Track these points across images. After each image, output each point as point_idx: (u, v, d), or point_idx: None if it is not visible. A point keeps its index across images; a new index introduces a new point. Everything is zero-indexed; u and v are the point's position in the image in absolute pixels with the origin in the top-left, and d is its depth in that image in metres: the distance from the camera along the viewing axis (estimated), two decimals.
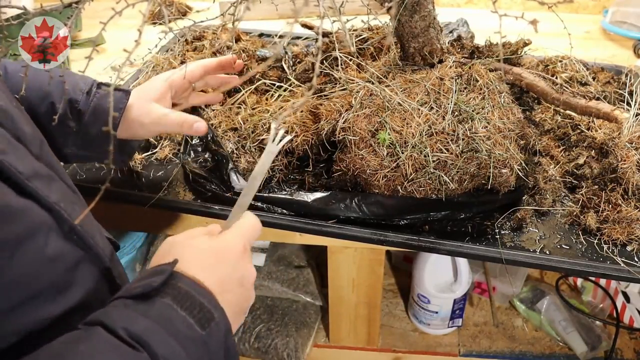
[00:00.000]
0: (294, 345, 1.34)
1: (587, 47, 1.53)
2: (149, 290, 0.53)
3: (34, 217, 0.56)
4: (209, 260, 0.60)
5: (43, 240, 0.56)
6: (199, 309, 0.54)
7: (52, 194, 0.59)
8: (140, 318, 0.51)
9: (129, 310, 0.52)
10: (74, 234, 0.61)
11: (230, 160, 0.97)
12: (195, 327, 0.53)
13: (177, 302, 0.53)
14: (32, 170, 0.58)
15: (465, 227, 0.91)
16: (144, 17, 0.49)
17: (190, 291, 0.55)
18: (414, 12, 0.90)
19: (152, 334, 0.50)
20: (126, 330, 0.49)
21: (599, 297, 1.43)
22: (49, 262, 0.57)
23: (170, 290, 0.54)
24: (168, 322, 0.52)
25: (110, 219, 1.04)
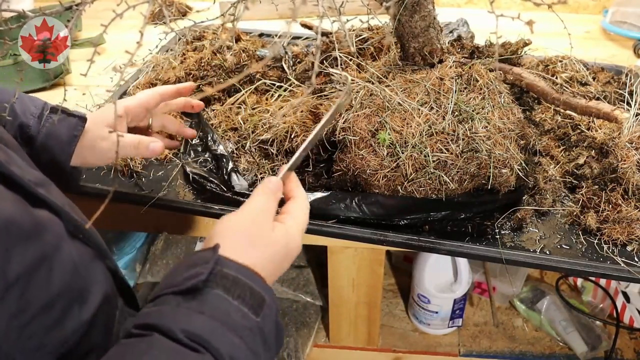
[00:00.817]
0: (294, 345, 1.34)
1: (587, 47, 1.53)
2: (197, 284, 0.51)
3: (55, 225, 0.56)
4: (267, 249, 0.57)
5: (67, 246, 0.56)
6: (250, 294, 0.52)
7: (56, 198, 0.59)
8: (196, 316, 0.50)
9: (182, 309, 0.50)
10: (80, 233, 0.60)
11: (231, 160, 0.97)
12: (250, 315, 0.52)
13: (228, 291, 0.51)
14: (35, 177, 0.58)
15: (465, 227, 0.91)
16: (145, 19, 0.49)
17: (238, 276, 0.53)
18: (414, 12, 0.90)
19: (211, 331, 0.49)
20: (185, 332, 0.48)
21: (599, 297, 1.43)
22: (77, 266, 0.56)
23: (218, 279, 0.52)
24: (225, 315, 0.50)
25: (110, 219, 1.04)
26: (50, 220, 0.55)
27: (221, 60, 1.19)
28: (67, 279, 0.54)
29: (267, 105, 1.10)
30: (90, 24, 1.59)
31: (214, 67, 1.18)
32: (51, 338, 0.52)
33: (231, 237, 0.56)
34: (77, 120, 0.76)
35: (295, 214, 0.62)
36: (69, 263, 0.55)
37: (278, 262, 0.58)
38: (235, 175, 0.95)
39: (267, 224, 0.59)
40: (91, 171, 1.03)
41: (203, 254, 0.54)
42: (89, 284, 0.58)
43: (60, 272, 0.53)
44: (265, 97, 1.13)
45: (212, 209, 0.94)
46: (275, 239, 0.58)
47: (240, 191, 0.93)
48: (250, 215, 0.59)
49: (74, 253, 0.57)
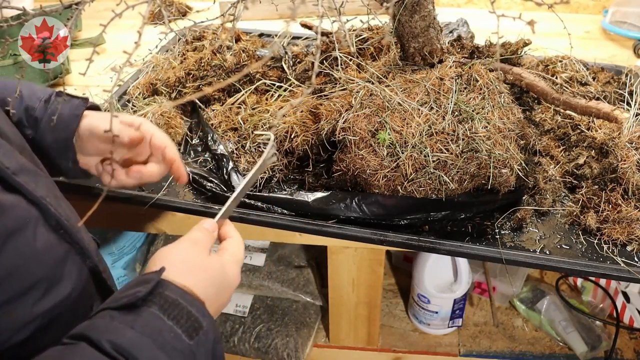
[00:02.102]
0: (294, 345, 1.34)
1: (587, 47, 1.53)
2: (134, 300, 0.52)
3: (21, 211, 0.57)
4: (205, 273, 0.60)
5: (32, 233, 0.57)
6: (187, 318, 0.53)
7: (39, 189, 0.59)
8: (126, 330, 0.50)
9: (115, 322, 0.51)
10: (61, 228, 0.61)
11: (231, 160, 0.97)
12: (183, 337, 0.52)
13: (164, 311, 0.53)
14: (18, 165, 0.59)
15: (465, 227, 0.91)
16: (144, 19, 0.49)
17: (178, 299, 0.54)
18: (414, 12, 0.90)
19: (138, 346, 0.49)
20: (112, 344, 0.49)
21: (599, 297, 1.43)
22: (39, 255, 0.57)
23: (157, 299, 0.53)
24: (155, 333, 0.51)
25: (110, 219, 1.04)
26: (16, 206, 0.56)
27: (221, 60, 1.19)
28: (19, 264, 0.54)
29: (267, 105, 1.10)
30: (90, 24, 1.59)
31: (214, 67, 1.18)
32: None
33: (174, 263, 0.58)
34: (79, 101, 0.78)
35: (231, 250, 0.66)
36: (27, 250, 0.55)
37: (217, 288, 0.60)
38: (235, 175, 0.95)
39: (203, 252, 0.62)
40: None
41: (147, 275, 0.56)
42: (54, 277, 0.59)
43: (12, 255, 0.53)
44: (265, 97, 1.13)
45: (212, 209, 0.94)
46: (211, 264, 0.61)
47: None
48: (186, 245, 0.62)
49: (41, 244, 0.57)
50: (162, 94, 1.17)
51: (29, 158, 0.65)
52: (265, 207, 0.93)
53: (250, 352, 1.36)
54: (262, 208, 0.93)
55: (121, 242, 1.53)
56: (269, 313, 1.41)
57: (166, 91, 1.17)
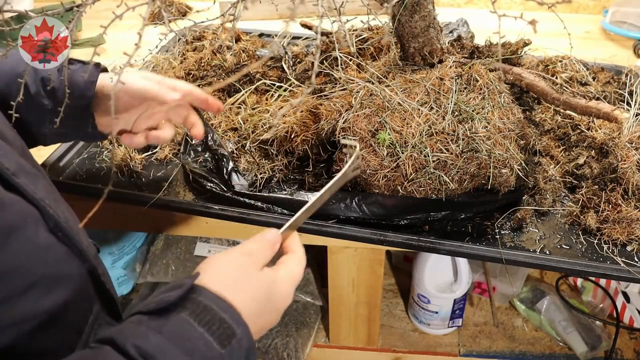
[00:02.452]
0: (294, 345, 1.34)
1: (587, 47, 1.53)
2: (164, 305, 0.50)
3: (22, 209, 0.57)
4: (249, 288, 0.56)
5: (33, 230, 0.57)
6: (219, 325, 0.50)
7: (38, 191, 0.59)
8: (153, 334, 0.48)
9: (142, 326, 0.49)
10: (59, 231, 0.61)
11: (231, 160, 0.97)
12: (214, 344, 0.49)
13: (195, 316, 0.50)
14: (17, 166, 0.59)
15: (465, 227, 0.91)
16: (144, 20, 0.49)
17: (211, 304, 0.51)
18: (414, 12, 0.90)
19: (164, 351, 0.47)
20: (136, 348, 0.47)
21: (599, 297, 1.43)
22: (40, 253, 0.57)
23: (189, 304, 0.51)
24: (183, 339, 0.49)
25: (111, 219, 1.04)
26: (16, 203, 0.56)
27: (221, 60, 1.19)
28: (21, 261, 0.54)
29: (267, 105, 1.10)
30: (91, 24, 1.59)
31: (214, 67, 1.18)
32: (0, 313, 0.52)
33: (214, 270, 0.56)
34: (92, 67, 0.78)
35: (289, 266, 0.61)
36: (28, 247, 0.55)
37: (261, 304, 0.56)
38: (235, 175, 0.95)
39: (253, 265, 0.58)
40: (91, 171, 1.03)
41: (182, 280, 0.54)
42: (54, 277, 0.58)
43: (14, 251, 0.53)
44: (265, 97, 1.13)
45: (212, 209, 0.94)
46: (259, 278, 0.57)
47: (240, 191, 0.93)
48: (236, 255, 0.58)
49: (42, 243, 0.57)
50: None
51: (29, 160, 0.65)
52: (265, 207, 0.93)
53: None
54: (262, 208, 0.93)
55: (121, 242, 1.53)
56: None
57: None
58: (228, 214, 0.92)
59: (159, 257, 1.46)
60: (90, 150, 1.09)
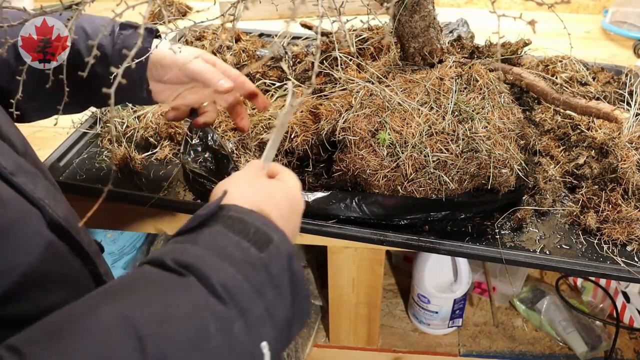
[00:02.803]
0: (294, 345, 1.34)
1: (587, 47, 1.53)
2: (196, 223, 0.50)
3: (22, 207, 0.56)
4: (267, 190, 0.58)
5: (33, 229, 0.56)
6: (254, 231, 0.50)
7: (38, 190, 0.59)
8: (189, 246, 0.48)
9: (177, 244, 0.50)
10: (59, 229, 0.60)
11: (231, 160, 0.97)
12: (252, 249, 0.49)
13: (229, 227, 0.50)
14: (16, 165, 0.58)
15: (465, 227, 0.91)
16: (145, 19, 0.49)
17: (243, 217, 0.51)
18: (414, 12, 0.90)
19: (202, 259, 0.47)
20: (175, 261, 0.47)
21: (599, 297, 1.43)
22: (41, 251, 0.56)
23: (220, 219, 0.51)
24: (220, 247, 0.48)
25: (110, 219, 1.04)
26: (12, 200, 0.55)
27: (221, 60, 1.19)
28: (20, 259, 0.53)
29: None
30: None
31: None
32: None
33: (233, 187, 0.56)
34: (146, 32, 0.77)
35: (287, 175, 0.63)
36: (28, 245, 0.55)
37: (285, 209, 0.57)
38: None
39: (263, 177, 0.60)
40: (91, 171, 1.03)
41: (210, 203, 0.54)
42: (57, 276, 0.58)
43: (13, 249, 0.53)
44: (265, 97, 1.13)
45: None
46: (274, 186, 0.59)
47: None
48: (243, 174, 0.60)
49: (41, 241, 0.57)
50: None
51: (31, 159, 0.65)
52: None
53: None
54: None
55: (121, 242, 1.53)
56: None
57: None
58: None
59: None
60: (90, 150, 1.09)
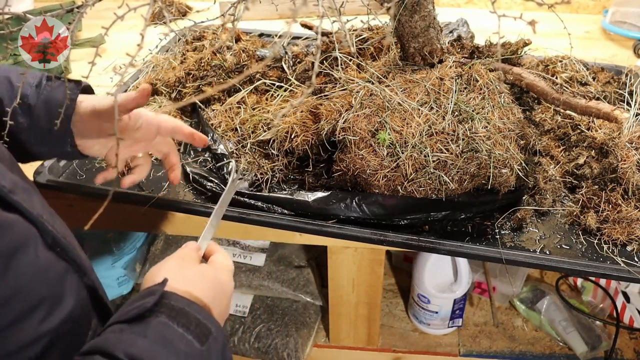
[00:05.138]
0: (294, 345, 1.34)
1: (587, 47, 1.53)
2: (143, 311, 0.53)
3: (22, 229, 0.56)
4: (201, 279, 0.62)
5: (33, 251, 0.56)
6: (195, 325, 0.54)
7: (35, 207, 0.58)
8: (139, 339, 0.51)
9: (126, 334, 0.52)
10: (57, 246, 0.60)
11: (231, 160, 0.97)
12: (195, 343, 0.53)
13: (173, 319, 0.54)
14: (13, 183, 0.57)
15: (465, 227, 0.91)
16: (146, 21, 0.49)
17: (185, 307, 0.55)
18: (414, 12, 0.90)
19: (152, 354, 0.50)
20: (127, 354, 0.49)
21: (599, 297, 1.43)
22: (42, 273, 0.56)
23: (164, 309, 0.54)
24: (167, 340, 0.52)
25: (111, 219, 1.04)
26: (17, 223, 0.55)
27: (221, 60, 1.19)
28: (24, 283, 0.53)
29: (267, 105, 1.10)
30: (91, 24, 1.59)
31: (214, 67, 1.18)
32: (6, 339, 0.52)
33: (167, 274, 0.60)
34: (73, 84, 0.75)
35: (219, 260, 0.68)
36: (30, 268, 0.54)
37: (215, 293, 0.62)
38: (235, 175, 0.95)
39: (194, 264, 0.65)
40: (91, 172, 1.02)
41: (151, 288, 0.57)
42: (56, 295, 0.58)
43: (18, 273, 0.52)
44: (265, 97, 1.13)
45: (212, 209, 0.93)
46: (205, 272, 0.64)
47: (240, 190, 0.93)
48: (175, 260, 0.64)
49: (43, 261, 0.57)
50: (162, 94, 1.17)
51: (19, 174, 0.64)
52: (265, 207, 0.93)
53: (250, 352, 1.36)
54: (262, 208, 0.93)
55: (121, 242, 1.53)
56: (269, 313, 1.41)
57: (166, 91, 1.17)
58: (228, 214, 0.92)
59: (159, 257, 1.46)
60: None
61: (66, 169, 1.03)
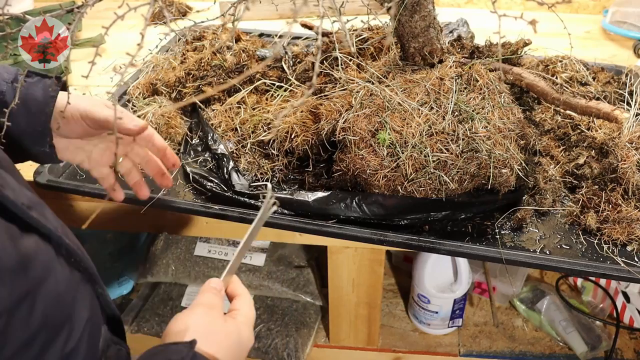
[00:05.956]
0: (294, 345, 1.34)
1: (587, 47, 1.53)
2: None
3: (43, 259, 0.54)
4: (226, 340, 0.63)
5: (54, 278, 0.55)
6: None
7: (49, 221, 0.57)
8: None
9: None
10: (72, 257, 0.60)
11: (231, 160, 0.97)
12: None
13: None
14: (28, 199, 0.56)
15: (465, 227, 0.91)
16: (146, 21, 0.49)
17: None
18: (414, 12, 0.90)
19: None
20: None
21: (599, 297, 1.43)
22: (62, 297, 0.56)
23: None
24: None
25: (111, 219, 1.04)
26: (39, 251, 0.54)
27: (221, 60, 1.19)
28: (49, 312, 0.53)
29: (267, 105, 1.10)
30: (91, 24, 1.58)
31: (214, 67, 1.18)
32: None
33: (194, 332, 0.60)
34: (51, 81, 0.72)
35: (242, 310, 0.68)
36: (53, 294, 0.54)
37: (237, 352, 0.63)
38: (235, 175, 0.95)
39: (220, 317, 0.65)
40: None
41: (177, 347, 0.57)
42: (73, 312, 0.58)
43: (43, 305, 0.52)
44: (265, 97, 1.13)
45: (212, 208, 0.94)
46: (229, 330, 0.64)
47: (240, 190, 0.93)
48: (203, 310, 0.64)
49: (61, 281, 0.56)
50: (162, 94, 1.17)
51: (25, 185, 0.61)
52: None
53: (250, 352, 1.35)
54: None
55: (121, 242, 1.53)
56: (269, 313, 1.41)
57: (166, 91, 1.17)
58: (228, 213, 0.92)
59: (159, 257, 1.46)
60: None
61: (66, 169, 1.03)
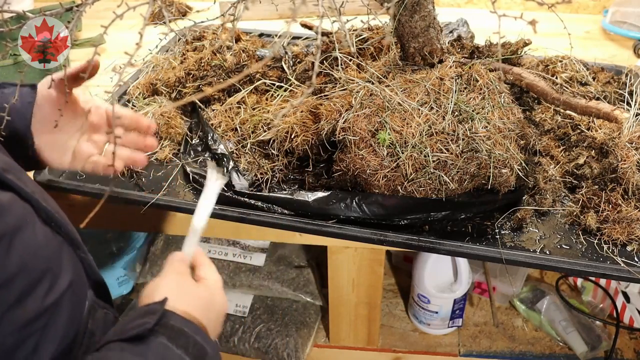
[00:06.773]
0: (294, 345, 1.34)
1: (587, 47, 1.53)
2: (143, 332, 0.55)
3: (19, 209, 0.58)
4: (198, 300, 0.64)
5: (31, 228, 0.58)
6: (193, 346, 0.57)
7: (27, 185, 0.60)
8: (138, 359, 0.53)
9: (126, 353, 0.54)
10: (52, 221, 0.62)
11: (231, 160, 0.97)
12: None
13: (172, 340, 0.55)
14: (4, 162, 0.59)
15: (465, 227, 0.91)
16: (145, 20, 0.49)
17: (183, 328, 0.57)
18: (414, 12, 0.90)
19: None
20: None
21: (599, 297, 1.43)
22: (41, 248, 0.58)
23: (164, 329, 0.56)
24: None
25: (111, 219, 1.04)
26: (14, 204, 0.57)
27: (221, 60, 1.19)
28: (27, 260, 0.55)
29: (267, 105, 1.10)
30: (90, 24, 1.59)
31: (214, 67, 1.18)
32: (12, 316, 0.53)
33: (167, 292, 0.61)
34: (27, 89, 0.75)
35: (210, 277, 0.70)
36: (31, 243, 0.57)
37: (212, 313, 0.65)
38: (235, 175, 0.95)
39: (190, 281, 0.67)
40: None
41: (150, 306, 0.59)
42: (55, 269, 0.60)
43: (21, 250, 0.54)
44: (265, 97, 1.13)
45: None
46: (201, 292, 0.66)
47: (240, 190, 0.93)
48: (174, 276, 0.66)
49: (41, 237, 0.59)
50: (162, 94, 1.17)
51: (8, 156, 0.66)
52: (265, 207, 0.93)
53: (250, 352, 1.36)
54: (262, 208, 0.93)
55: (121, 242, 1.53)
56: (269, 313, 1.41)
57: (166, 91, 1.17)
58: (228, 214, 0.92)
59: (159, 257, 1.46)
60: None
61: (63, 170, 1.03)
